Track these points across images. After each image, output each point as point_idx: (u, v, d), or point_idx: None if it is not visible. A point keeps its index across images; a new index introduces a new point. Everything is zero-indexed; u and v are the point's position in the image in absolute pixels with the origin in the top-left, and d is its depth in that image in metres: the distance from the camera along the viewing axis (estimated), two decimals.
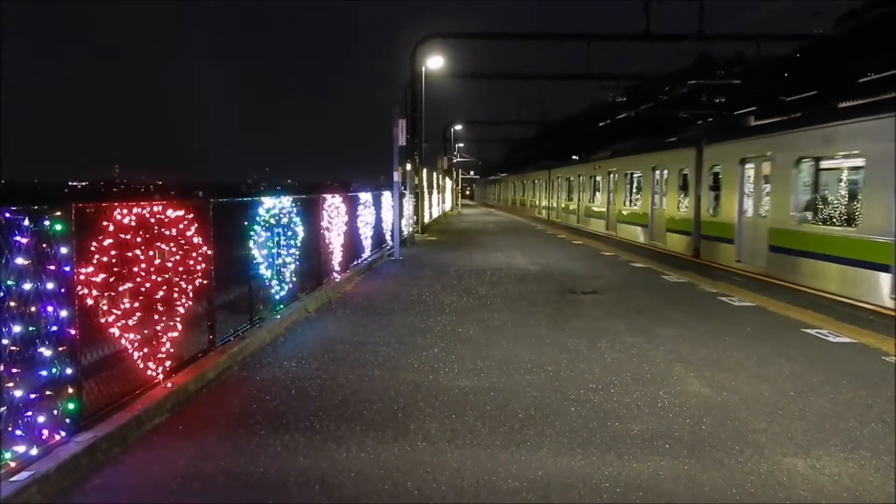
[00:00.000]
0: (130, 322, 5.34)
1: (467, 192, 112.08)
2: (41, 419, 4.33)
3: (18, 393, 4.17)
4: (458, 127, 60.92)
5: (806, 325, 9.23)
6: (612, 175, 28.87)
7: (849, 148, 12.57)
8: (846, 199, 13.02)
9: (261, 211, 8.48)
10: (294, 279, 9.74)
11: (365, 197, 16.18)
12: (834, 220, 13.18)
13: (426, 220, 31.29)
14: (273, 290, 8.93)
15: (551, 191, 42.76)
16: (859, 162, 12.30)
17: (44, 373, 4.38)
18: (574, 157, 43.11)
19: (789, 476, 4.50)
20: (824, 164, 13.85)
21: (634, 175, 26.36)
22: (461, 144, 73.08)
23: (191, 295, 6.43)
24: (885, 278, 10.99)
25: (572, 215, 36.22)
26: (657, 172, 23.30)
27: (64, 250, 4.53)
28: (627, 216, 26.63)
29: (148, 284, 5.62)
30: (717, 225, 18.09)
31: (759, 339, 8.42)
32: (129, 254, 5.36)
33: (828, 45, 31.61)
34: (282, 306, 9.22)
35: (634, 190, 26.48)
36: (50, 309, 4.42)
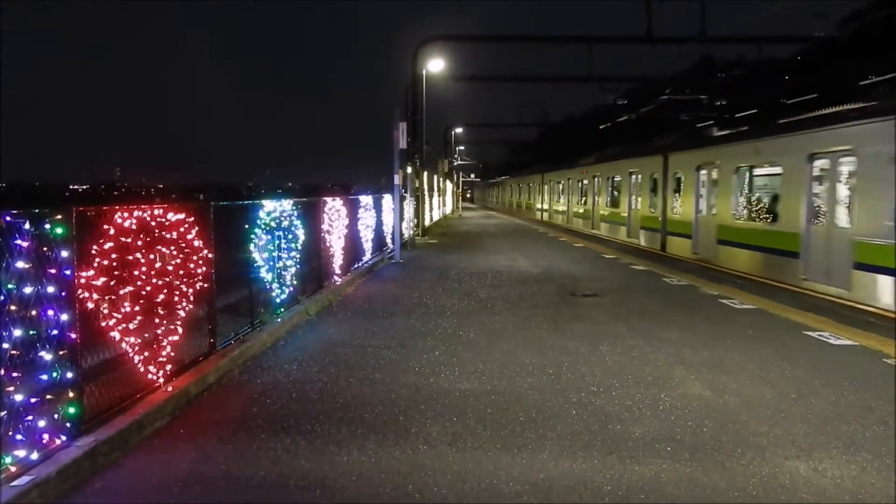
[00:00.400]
0: (131, 325, 5.34)
1: (467, 196, 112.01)
2: (42, 423, 4.32)
3: (19, 397, 4.17)
4: (459, 130, 60.95)
5: (807, 327, 9.22)
6: (595, 179, 31.69)
7: (771, 159, 15.57)
8: (770, 200, 15.76)
9: (261, 214, 8.48)
10: (295, 282, 9.74)
11: (365, 200, 16.19)
12: (762, 217, 15.94)
13: (427, 222, 31.31)
14: (274, 294, 8.93)
15: (544, 194, 45.74)
16: (778, 170, 15.16)
17: (44, 377, 4.37)
18: (567, 160, 44.43)
19: (791, 479, 4.49)
20: (756, 171, 16.79)
21: (615, 179, 28.93)
22: (462, 147, 73.17)
23: (191, 298, 6.43)
24: (795, 263, 13.85)
25: (561, 216, 39.29)
26: (633, 177, 25.84)
27: (65, 254, 4.53)
28: (608, 216, 29.43)
29: (149, 288, 5.62)
30: (679, 223, 20.87)
31: (761, 341, 8.41)
32: (130, 257, 5.36)
33: (830, 47, 31.62)
34: (282, 309, 9.22)
35: (615, 192, 28.96)
36: (51, 312, 4.42)
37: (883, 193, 11.25)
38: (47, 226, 4.44)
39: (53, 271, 4.45)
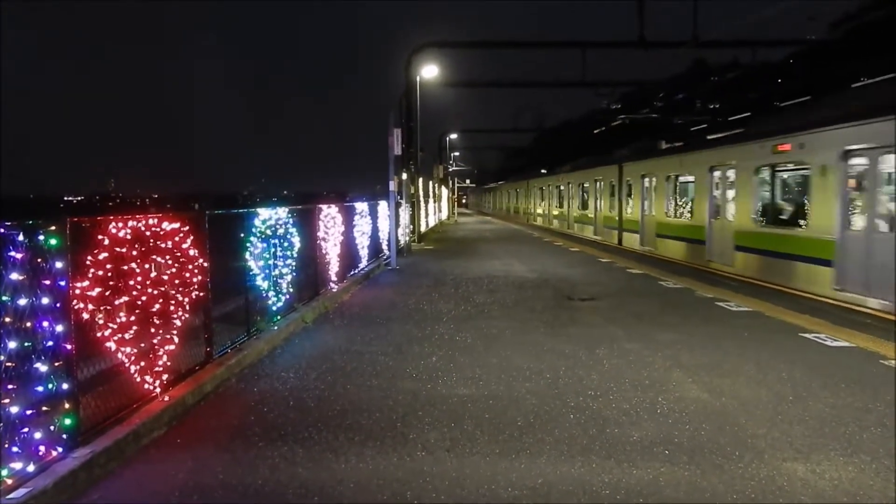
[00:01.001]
0: (127, 336, 5.32)
1: (463, 201, 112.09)
2: (38, 435, 4.31)
3: (15, 409, 4.15)
4: (454, 135, 61.06)
5: (803, 329, 9.24)
6: (570, 185, 36.70)
7: (689, 170, 20.07)
8: (691, 202, 20.32)
9: (257, 222, 8.48)
10: (291, 290, 9.73)
11: (361, 207, 16.19)
12: (685, 215, 20.77)
13: (423, 228, 31.30)
14: (270, 301, 8.92)
15: (531, 198, 50.83)
16: (692, 179, 20.09)
17: (40, 388, 4.36)
18: (549, 168, 50.17)
19: (789, 481, 4.49)
20: (681, 179, 21.29)
21: (584, 185, 33.58)
22: (457, 153, 73.33)
23: (187, 307, 6.42)
24: (703, 248, 18.53)
25: (541, 218, 45.57)
26: (598, 183, 30.55)
27: (59, 265, 4.52)
28: (579, 217, 34.56)
29: (144, 298, 5.61)
30: (631, 221, 25.48)
31: (758, 343, 8.42)
32: (125, 267, 5.35)
33: (822, 49, 31.77)
34: (279, 317, 9.21)
35: (584, 196, 33.72)
36: (45, 324, 4.41)
37: (751, 196, 15.79)
38: (41, 237, 4.43)
39: (48, 282, 4.44)
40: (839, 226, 12.28)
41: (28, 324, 4.28)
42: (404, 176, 23.31)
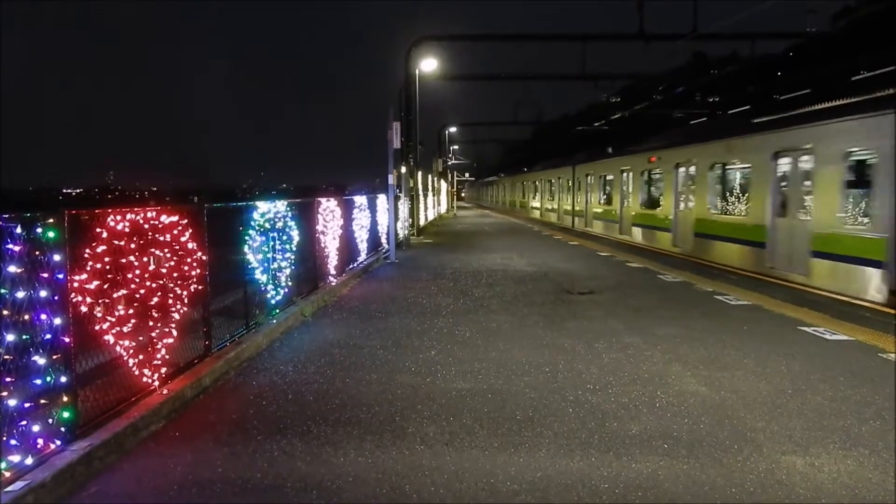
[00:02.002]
0: (125, 329, 5.31)
1: (463, 195, 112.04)
2: (36, 428, 4.30)
3: (13, 402, 4.15)
4: (454, 129, 60.89)
5: (802, 322, 9.24)
6: (540, 182, 46.82)
7: (610, 171, 28.65)
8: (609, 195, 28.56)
9: (256, 215, 8.46)
10: (290, 283, 9.71)
11: (360, 200, 16.16)
12: (605, 205, 29.39)
13: (422, 222, 31.29)
14: (269, 295, 8.91)
15: (522, 192, 57.06)
16: (611, 177, 28.25)
17: (38, 381, 4.35)
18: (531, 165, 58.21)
19: (788, 474, 4.50)
20: (608, 177, 29.33)
21: (551, 181, 42.63)
22: (456, 146, 73.13)
23: (186, 300, 6.40)
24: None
25: (524, 209, 53.81)
26: (560, 180, 39.51)
27: (57, 257, 4.51)
28: (549, 209, 43.44)
29: (143, 290, 5.59)
30: (579, 211, 34.18)
31: (756, 337, 8.42)
32: (124, 260, 5.33)
33: (822, 43, 31.70)
34: (278, 311, 9.20)
35: (552, 190, 42.49)
36: (44, 317, 4.40)
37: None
38: (39, 230, 4.42)
39: (46, 275, 4.43)
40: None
41: (26, 316, 4.27)
42: (403, 169, 23.27)
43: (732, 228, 17.13)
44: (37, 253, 4.38)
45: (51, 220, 4.49)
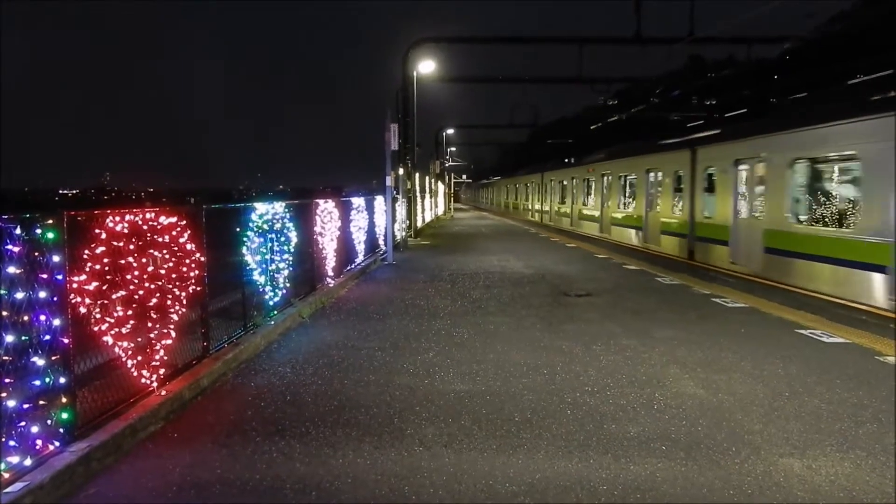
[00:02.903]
0: (124, 330, 5.31)
1: (461, 196, 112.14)
2: (35, 429, 4.29)
3: (11, 403, 4.14)
4: (451, 131, 60.93)
5: (799, 325, 9.26)
6: (521, 184, 54.02)
7: (578, 176, 33.64)
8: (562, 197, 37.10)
9: (254, 217, 8.46)
10: (288, 285, 9.71)
11: (358, 202, 16.16)
12: (562, 204, 36.99)
13: (419, 224, 31.29)
14: (267, 296, 8.90)
15: (513, 194, 61.12)
16: (565, 181, 36.12)
17: (37, 382, 4.34)
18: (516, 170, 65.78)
19: (786, 477, 4.51)
20: (567, 182, 36.38)
21: (527, 185, 51.21)
22: (454, 148, 73.17)
23: (184, 302, 6.39)
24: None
25: (516, 211, 57.25)
26: (531, 185, 48.55)
27: (56, 258, 4.50)
28: (527, 207, 50.83)
29: (141, 292, 5.59)
30: (546, 211, 41.93)
31: (754, 340, 8.44)
32: (122, 261, 5.33)
33: (818, 46, 31.81)
34: (276, 312, 9.19)
35: (528, 193, 51.07)
36: (42, 318, 4.39)
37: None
38: (38, 230, 4.41)
39: (45, 276, 4.42)
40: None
41: (25, 317, 4.26)
42: (401, 171, 23.29)
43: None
44: (36, 254, 4.38)
45: (50, 221, 4.49)
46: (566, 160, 41.68)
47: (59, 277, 4.52)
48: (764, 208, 15.24)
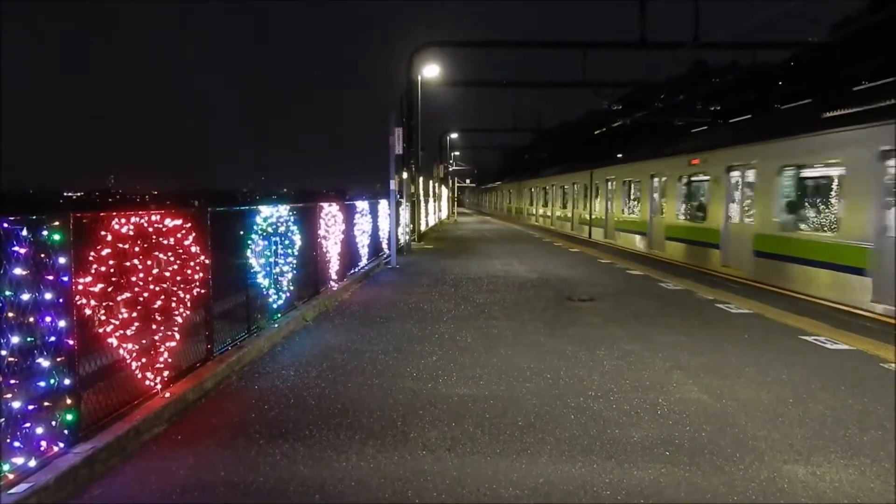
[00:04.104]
0: (128, 332, 5.32)
1: (465, 201, 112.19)
2: (39, 430, 4.31)
3: (17, 404, 4.15)
4: (455, 135, 60.96)
5: (803, 332, 9.24)
6: (535, 189, 52.17)
7: (530, 185, 52.24)
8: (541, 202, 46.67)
9: (258, 220, 8.48)
10: (291, 288, 9.73)
11: (361, 205, 16.18)
12: (542, 208, 46.92)
13: (423, 228, 31.31)
14: (271, 299, 8.92)
15: (516, 198, 64.02)
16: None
17: (42, 384, 4.36)
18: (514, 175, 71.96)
19: (790, 483, 4.50)
20: (534, 189, 50.93)
21: (510, 191, 62.16)
22: (457, 153, 73.21)
23: (188, 304, 6.41)
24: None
25: (520, 215, 59.30)
26: (512, 191, 60.68)
27: (62, 260, 4.51)
28: (519, 209, 57.37)
29: (146, 294, 5.60)
30: (533, 214, 50.00)
31: (758, 346, 8.43)
32: (127, 263, 5.35)
33: (822, 52, 31.80)
34: (279, 315, 9.20)
35: (515, 198, 60.18)
36: (48, 319, 4.41)
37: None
38: (44, 232, 4.43)
39: (51, 278, 4.43)
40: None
41: (31, 319, 4.28)
42: (404, 175, 23.30)
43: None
44: (42, 255, 4.39)
45: (56, 223, 4.51)
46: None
47: (65, 279, 4.53)
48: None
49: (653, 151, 25.11)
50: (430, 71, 27.02)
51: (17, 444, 4.15)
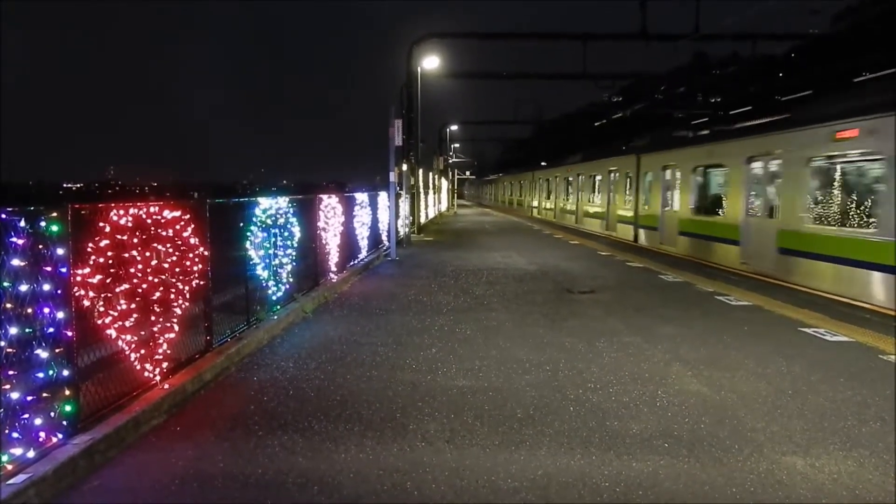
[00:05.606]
0: (127, 323, 5.32)
1: (465, 193, 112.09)
2: (38, 421, 4.31)
3: (15, 395, 4.15)
4: (455, 127, 60.84)
5: (803, 324, 9.25)
6: (536, 180, 52.37)
7: (531, 177, 53.30)
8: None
9: (257, 211, 8.46)
10: (291, 280, 9.72)
11: (361, 197, 16.16)
12: (542, 199, 47.54)
13: (422, 220, 31.28)
14: (270, 291, 8.91)
15: (516, 190, 64.98)
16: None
17: (41, 375, 4.35)
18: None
19: (789, 475, 4.50)
20: (535, 181, 50.45)
21: (510, 183, 65.54)
22: (457, 144, 73.11)
23: (187, 296, 6.41)
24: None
25: (521, 207, 59.94)
26: (507, 183, 66.00)
27: (60, 251, 4.50)
28: (518, 201, 59.45)
29: (145, 285, 5.60)
30: (530, 205, 51.65)
31: (757, 338, 8.42)
32: (126, 255, 5.34)
33: (823, 43, 31.69)
34: (279, 307, 9.20)
35: (515, 190, 62.29)
36: (46, 310, 4.40)
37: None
38: (43, 223, 4.42)
39: (49, 269, 4.42)
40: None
41: (29, 310, 4.27)
42: (404, 167, 23.26)
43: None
44: (40, 247, 4.38)
45: (54, 214, 4.49)
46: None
47: (63, 270, 4.52)
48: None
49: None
50: (430, 63, 26.97)
51: (15, 434, 4.15)
